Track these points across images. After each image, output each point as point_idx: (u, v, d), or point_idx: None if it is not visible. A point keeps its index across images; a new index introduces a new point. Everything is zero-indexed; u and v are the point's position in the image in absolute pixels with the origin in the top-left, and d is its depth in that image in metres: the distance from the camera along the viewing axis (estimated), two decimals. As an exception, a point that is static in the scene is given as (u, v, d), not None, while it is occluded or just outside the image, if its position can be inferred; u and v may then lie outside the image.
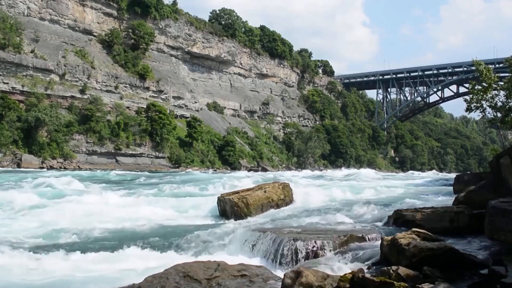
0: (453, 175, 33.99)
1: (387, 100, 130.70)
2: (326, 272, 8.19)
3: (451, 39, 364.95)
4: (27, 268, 9.92)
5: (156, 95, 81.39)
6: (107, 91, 72.59)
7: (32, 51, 64.04)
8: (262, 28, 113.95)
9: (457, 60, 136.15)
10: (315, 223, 13.20)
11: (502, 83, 30.96)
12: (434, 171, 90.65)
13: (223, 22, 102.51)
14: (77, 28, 74.66)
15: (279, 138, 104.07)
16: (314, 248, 9.89)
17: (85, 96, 68.04)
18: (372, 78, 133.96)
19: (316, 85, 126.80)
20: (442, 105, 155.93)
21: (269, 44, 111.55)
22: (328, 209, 16.37)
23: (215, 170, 72.60)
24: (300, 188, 21.89)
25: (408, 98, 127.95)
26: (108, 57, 77.11)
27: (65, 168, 56.96)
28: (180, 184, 29.01)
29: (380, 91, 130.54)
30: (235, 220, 15.28)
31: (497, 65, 73.20)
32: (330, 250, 9.87)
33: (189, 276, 7.86)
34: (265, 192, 16.98)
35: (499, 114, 27.07)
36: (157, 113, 72.37)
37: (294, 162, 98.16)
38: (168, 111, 76.75)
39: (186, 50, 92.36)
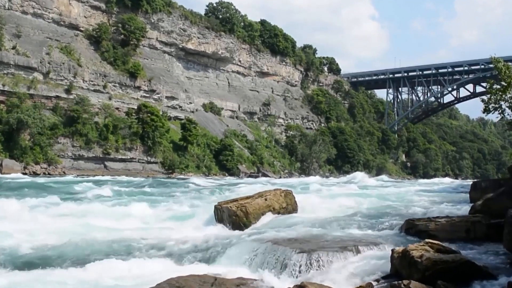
0: (469, 182, 34.01)
1: (398, 100, 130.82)
2: (331, 286, 8.21)
3: (466, 35, 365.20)
4: None
5: (147, 95, 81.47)
6: (95, 90, 72.65)
7: (13, 48, 64.11)
8: (263, 22, 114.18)
9: (471, 58, 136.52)
10: (319, 233, 13.20)
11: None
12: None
13: (220, 16, 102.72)
14: (62, 23, 74.76)
15: (281, 142, 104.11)
16: (319, 260, 9.90)
17: (71, 96, 68.07)
18: (382, 76, 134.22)
19: (321, 84, 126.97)
20: (457, 105, 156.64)
21: (270, 40, 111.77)
22: (334, 218, 16.38)
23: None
24: (304, 196, 21.91)
25: (421, 98, 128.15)
26: (96, 54, 77.23)
27: (49, 174, 56.95)
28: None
29: (391, 90, 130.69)
30: (234, 230, 15.30)
31: (517, 63, 73.29)
32: (336, 262, 9.88)
33: (183, 291, 7.88)
34: (266, 200, 16.99)
35: (519, 116, 27.06)
36: (149, 114, 72.40)
37: (297, 168, 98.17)
38: (160, 113, 76.79)
39: (180, 46, 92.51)
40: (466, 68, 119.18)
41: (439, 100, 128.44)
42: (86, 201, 23.56)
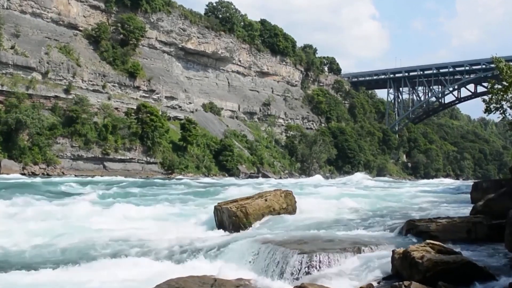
0: (470, 182, 34.05)
1: (399, 100, 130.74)
2: (332, 287, 8.22)
3: (466, 35, 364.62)
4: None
5: (147, 95, 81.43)
6: (94, 90, 72.60)
7: (12, 47, 64.07)
8: (263, 22, 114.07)
9: (472, 58, 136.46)
10: (320, 234, 13.20)
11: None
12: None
13: (220, 16, 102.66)
14: (61, 22, 74.73)
15: (281, 142, 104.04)
16: (319, 261, 9.89)
17: (70, 96, 68.02)
18: (383, 76, 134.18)
19: (321, 84, 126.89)
20: (458, 106, 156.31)
21: (270, 39, 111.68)
22: (334, 219, 16.39)
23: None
24: (304, 197, 21.91)
25: (422, 99, 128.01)
26: (95, 53, 77.19)
27: (48, 175, 56.89)
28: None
29: (391, 90, 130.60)
30: (234, 231, 15.29)
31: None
32: (337, 263, 9.87)
33: (183, 292, 7.88)
34: (266, 200, 16.99)
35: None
36: (148, 114, 72.34)
37: (297, 168, 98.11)
38: (160, 113, 76.69)
39: (180, 46, 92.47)
40: (467, 68, 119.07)
41: (440, 100, 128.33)
42: (68, 201, 23.25)
